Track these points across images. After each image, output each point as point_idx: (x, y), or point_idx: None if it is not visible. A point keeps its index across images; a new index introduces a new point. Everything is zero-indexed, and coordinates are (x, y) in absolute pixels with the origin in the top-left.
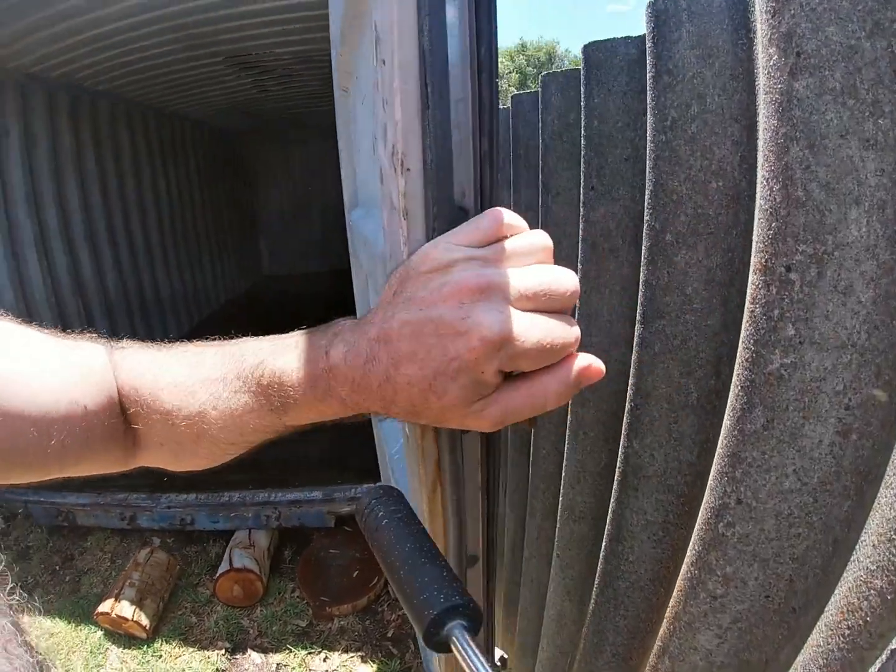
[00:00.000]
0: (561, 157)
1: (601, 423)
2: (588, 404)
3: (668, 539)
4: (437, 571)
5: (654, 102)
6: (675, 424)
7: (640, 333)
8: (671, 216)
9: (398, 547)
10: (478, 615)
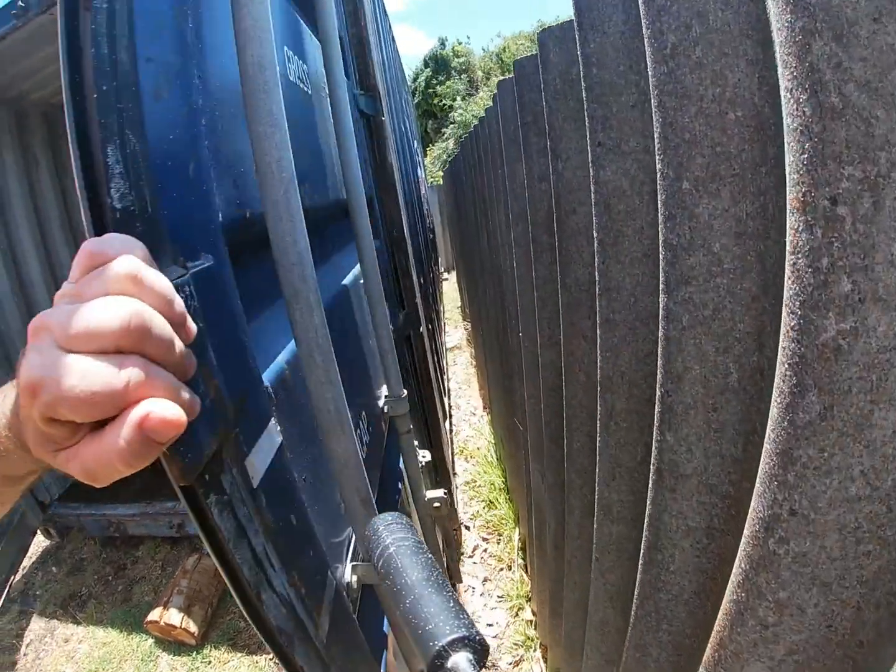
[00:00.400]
0: (567, 117)
1: (634, 411)
2: (617, 390)
3: (714, 547)
4: (444, 602)
5: (650, 30)
6: (714, 413)
7: (664, 305)
8: (685, 159)
9: (405, 575)
10: (485, 647)
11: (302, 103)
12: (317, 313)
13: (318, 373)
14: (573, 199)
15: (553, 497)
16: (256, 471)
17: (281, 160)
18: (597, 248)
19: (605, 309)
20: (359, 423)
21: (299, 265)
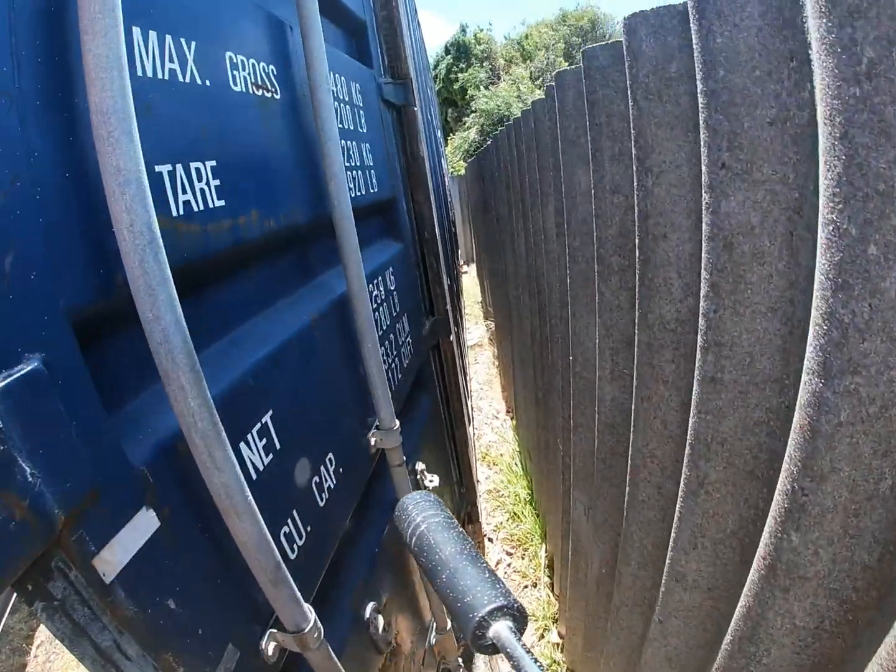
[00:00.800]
0: (663, 122)
1: (731, 482)
2: (714, 458)
3: (818, 646)
4: (479, 573)
5: (835, 37)
6: (856, 519)
7: (817, 391)
8: (876, 217)
9: (438, 551)
10: (523, 615)
11: (259, 114)
12: (193, 395)
13: (202, 458)
14: (664, 223)
15: (601, 538)
16: (112, 566)
17: (133, 224)
18: (706, 292)
19: (710, 365)
20: (320, 468)
21: (165, 344)
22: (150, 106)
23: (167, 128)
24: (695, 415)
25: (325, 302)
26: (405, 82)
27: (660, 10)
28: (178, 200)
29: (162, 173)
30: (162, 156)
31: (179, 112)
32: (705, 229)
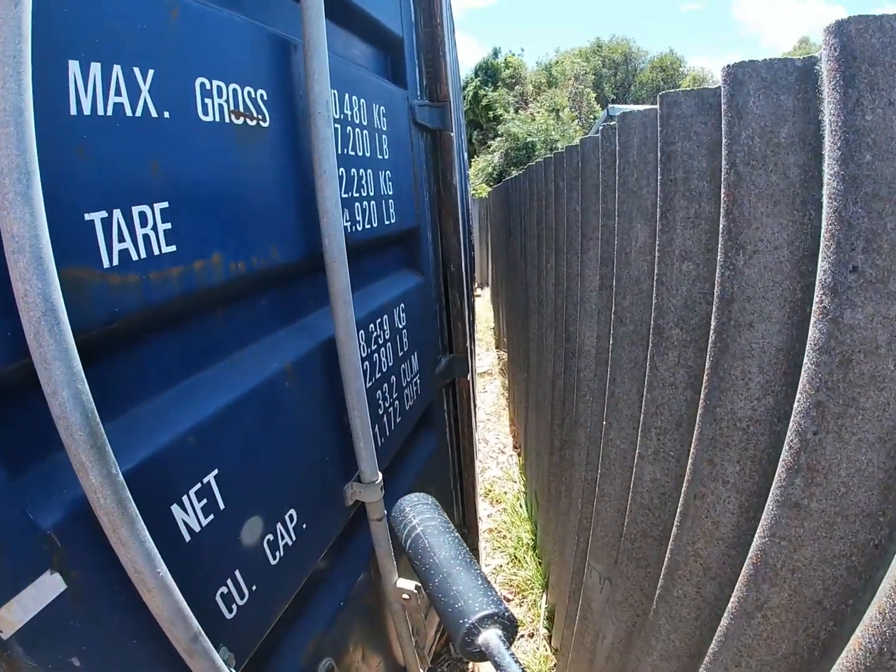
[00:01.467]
0: (764, 195)
1: (795, 610)
2: (782, 584)
3: None
4: (472, 579)
5: None
6: None
7: None
8: None
9: (433, 555)
10: (514, 623)
11: (236, 145)
12: (94, 471)
13: (107, 531)
14: (752, 310)
15: (618, 616)
16: (9, 623)
17: (27, 295)
18: (806, 409)
19: (797, 489)
20: (276, 526)
21: (63, 419)
22: (83, 148)
23: (104, 170)
24: (766, 537)
25: (306, 346)
26: (443, 106)
27: (774, 63)
28: (111, 250)
29: (93, 222)
30: (94, 202)
31: (123, 151)
32: (817, 337)
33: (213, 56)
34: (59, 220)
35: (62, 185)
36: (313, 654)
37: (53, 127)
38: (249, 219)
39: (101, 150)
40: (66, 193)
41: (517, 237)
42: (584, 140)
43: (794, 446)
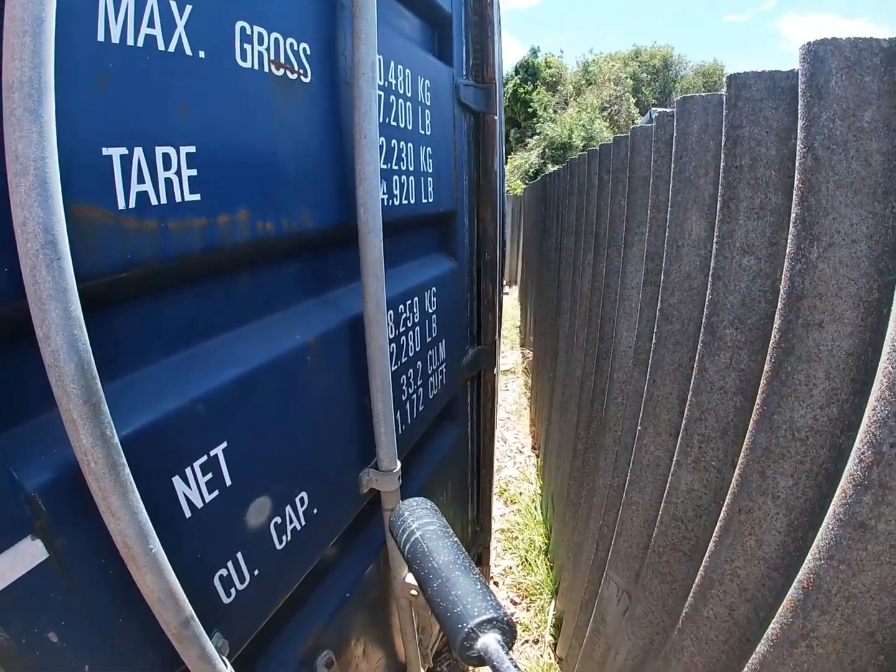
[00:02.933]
0: (844, 182)
1: (844, 641)
2: (834, 612)
3: None
4: (471, 584)
5: None
6: None
7: None
8: None
9: (432, 559)
10: (513, 628)
11: (275, 97)
12: (86, 430)
13: (97, 499)
14: (823, 308)
15: (636, 632)
16: None
17: (26, 223)
18: (884, 418)
19: (864, 508)
20: (285, 508)
21: (55, 368)
22: (108, 78)
23: (129, 105)
24: (822, 559)
25: (332, 321)
26: (489, 87)
27: (858, 42)
28: (128, 191)
29: (111, 157)
30: (115, 137)
31: (151, 87)
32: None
33: (257, 0)
34: (72, 150)
35: (80, 114)
36: (313, 647)
37: (77, 51)
38: (282, 177)
39: (127, 82)
40: (83, 123)
41: (552, 233)
42: (635, 129)
43: (865, 459)
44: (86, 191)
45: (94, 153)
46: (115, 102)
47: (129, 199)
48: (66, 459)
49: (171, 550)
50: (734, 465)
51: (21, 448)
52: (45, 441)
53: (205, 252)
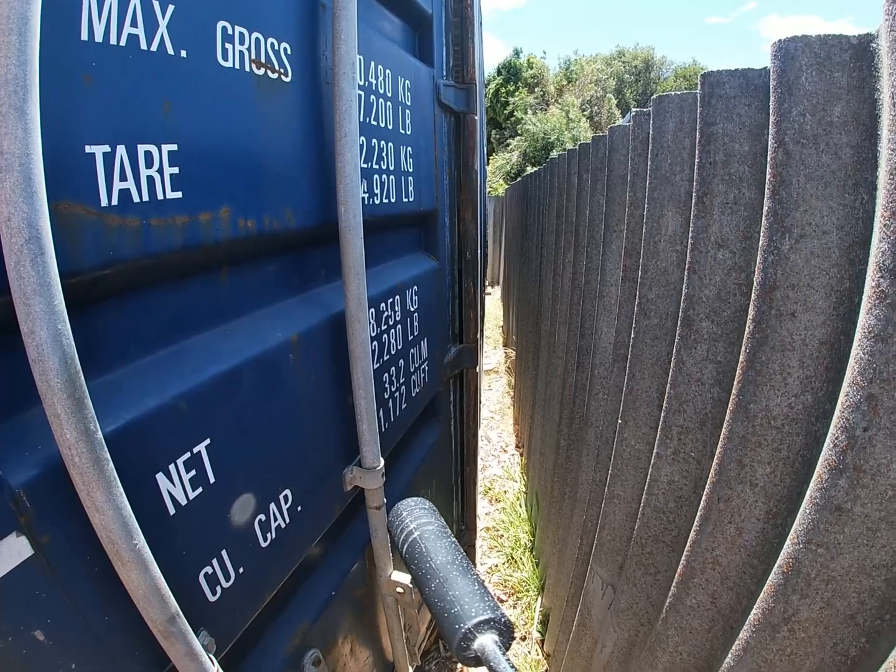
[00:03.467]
0: (814, 175)
1: (825, 625)
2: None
3: None
4: (469, 585)
5: None
6: None
7: None
8: None
9: (430, 560)
10: (510, 629)
11: (256, 96)
12: (70, 424)
13: (81, 495)
14: (796, 298)
15: (620, 624)
16: None
17: (11, 218)
18: (857, 403)
19: (840, 492)
20: (269, 506)
21: (39, 362)
22: (91, 77)
23: (111, 103)
24: (801, 543)
25: (314, 319)
26: (469, 88)
27: (828, 39)
28: (111, 189)
29: (94, 155)
30: (97, 135)
31: (134, 85)
32: (872, 324)
33: (238, 1)
34: (56, 148)
35: (64, 112)
36: (300, 645)
37: (60, 50)
38: (263, 175)
39: (109, 80)
40: (67, 121)
41: (533, 233)
42: (613, 128)
43: (839, 444)
44: (69, 188)
45: (77, 151)
46: (98, 101)
47: (111, 196)
48: (51, 456)
49: (156, 548)
50: (713, 456)
51: (5, 445)
52: (28, 438)
53: (187, 249)
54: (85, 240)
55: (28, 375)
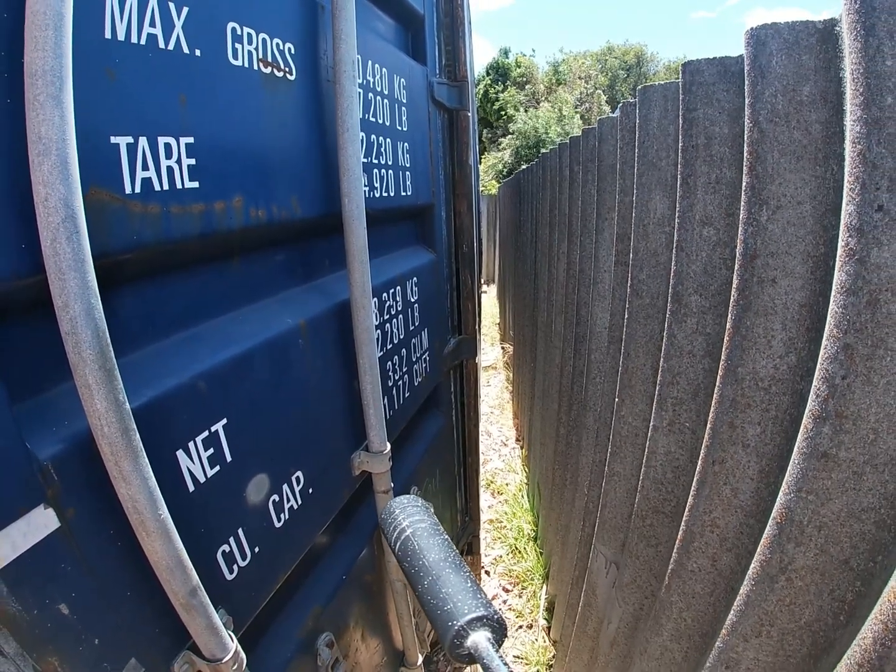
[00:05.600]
0: (787, 150)
1: (821, 571)
2: (808, 543)
3: None
4: (461, 582)
5: None
6: None
7: None
8: None
9: (422, 557)
10: (503, 626)
11: (264, 93)
12: (101, 395)
13: (109, 465)
14: (775, 265)
15: (625, 599)
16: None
17: (48, 199)
18: (834, 354)
19: (824, 438)
20: (282, 487)
21: (72, 335)
22: (114, 72)
23: (133, 97)
24: (792, 493)
25: (321, 306)
26: (461, 85)
27: (795, 25)
28: (134, 177)
29: (118, 145)
30: (122, 126)
31: (153, 81)
32: (843, 279)
33: (246, 4)
34: (84, 137)
35: (90, 104)
36: (313, 629)
37: (86, 46)
38: (272, 167)
39: (131, 76)
40: (93, 113)
41: (528, 228)
42: (602, 120)
43: (821, 394)
44: (96, 175)
45: (103, 141)
46: (121, 94)
47: (135, 184)
48: (78, 431)
49: (177, 524)
50: (706, 424)
51: (35, 418)
52: (56, 414)
53: (203, 236)
54: (111, 224)
55: (54, 355)
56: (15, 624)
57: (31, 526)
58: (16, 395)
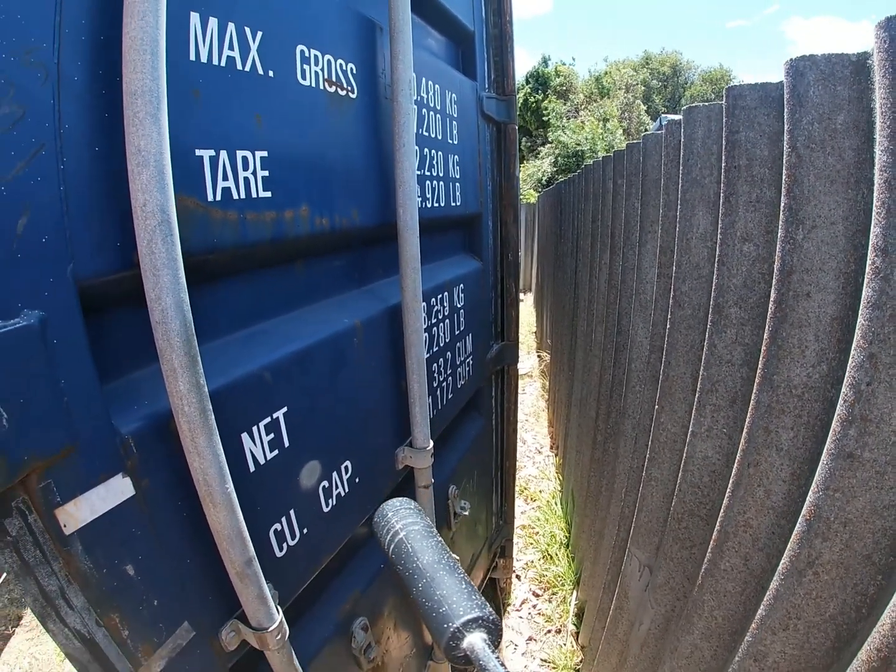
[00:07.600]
0: (822, 175)
1: (845, 566)
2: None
3: None
4: (456, 583)
5: None
6: None
7: None
8: None
9: (416, 559)
10: (498, 627)
11: (329, 110)
12: (184, 378)
13: (185, 440)
14: (810, 281)
15: (658, 600)
16: (74, 519)
17: (147, 204)
18: (860, 363)
19: (850, 440)
20: (332, 474)
21: (163, 324)
22: (199, 91)
23: (215, 114)
24: (820, 490)
25: (374, 309)
26: (509, 99)
27: (831, 58)
28: (216, 186)
29: (202, 157)
30: (205, 140)
31: (232, 100)
32: (870, 295)
33: (312, 27)
34: (173, 150)
35: (178, 120)
36: (350, 612)
37: (174, 68)
38: (335, 180)
39: (213, 95)
40: (181, 128)
41: (568, 238)
42: (647, 136)
43: (848, 399)
44: (183, 184)
45: (189, 153)
46: (205, 112)
47: (216, 192)
48: (156, 411)
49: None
50: (742, 430)
51: (120, 397)
52: (138, 395)
53: (274, 242)
54: (194, 227)
55: (138, 343)
56: (85, 580)
57: (109, 492)
58: (105, 376)
